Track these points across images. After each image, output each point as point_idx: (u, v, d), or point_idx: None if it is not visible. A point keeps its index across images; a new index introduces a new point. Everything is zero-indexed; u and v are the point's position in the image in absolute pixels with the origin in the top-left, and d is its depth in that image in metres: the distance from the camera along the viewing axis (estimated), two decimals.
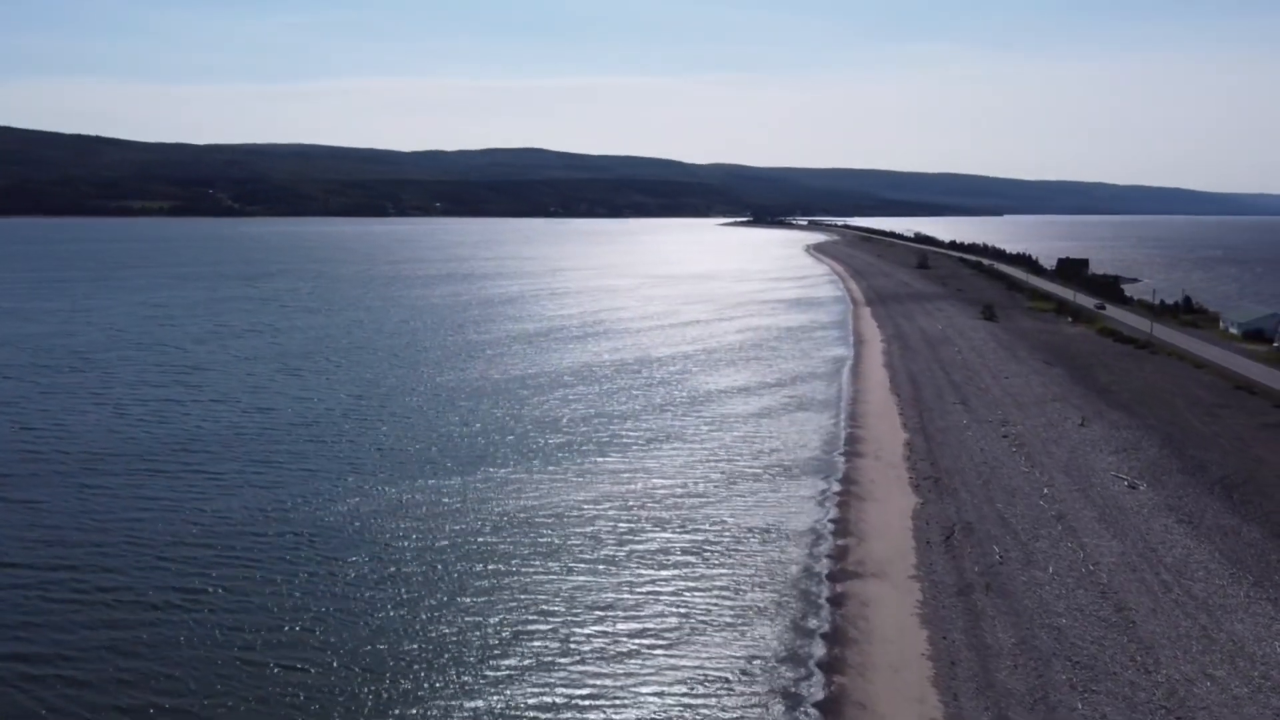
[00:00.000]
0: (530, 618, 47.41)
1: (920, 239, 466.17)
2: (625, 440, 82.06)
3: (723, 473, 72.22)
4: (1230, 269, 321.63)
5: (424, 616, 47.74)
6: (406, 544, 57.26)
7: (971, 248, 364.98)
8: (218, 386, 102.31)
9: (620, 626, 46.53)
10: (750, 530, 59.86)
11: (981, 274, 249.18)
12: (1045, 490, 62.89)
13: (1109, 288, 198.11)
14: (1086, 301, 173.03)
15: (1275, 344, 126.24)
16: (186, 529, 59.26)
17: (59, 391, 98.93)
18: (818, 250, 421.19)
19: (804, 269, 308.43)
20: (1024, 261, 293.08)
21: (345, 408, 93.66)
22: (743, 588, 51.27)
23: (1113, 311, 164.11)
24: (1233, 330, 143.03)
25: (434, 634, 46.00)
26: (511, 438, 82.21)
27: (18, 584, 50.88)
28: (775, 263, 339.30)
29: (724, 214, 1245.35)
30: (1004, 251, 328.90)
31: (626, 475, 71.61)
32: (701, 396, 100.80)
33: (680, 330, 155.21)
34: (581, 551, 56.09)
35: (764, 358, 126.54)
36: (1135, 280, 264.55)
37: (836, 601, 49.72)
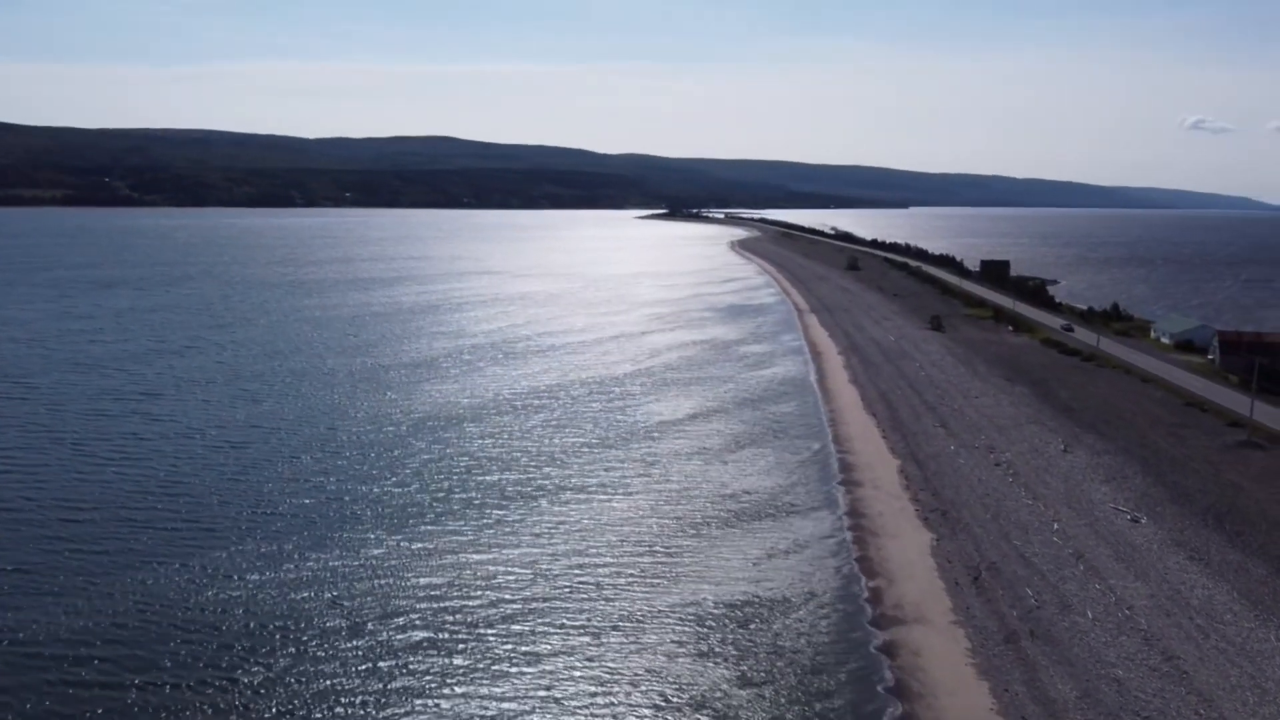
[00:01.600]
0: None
1: (842, 236, 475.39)
2: (589, 481, 78.39)
3: (727, 510, 72.46)
4: (1138, 269, 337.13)
5: None
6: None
7: (894, 247, 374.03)
8: (179, 417, 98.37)
9: (683, 694, 46.71)
10: (779, 572, 60.54)
11: (912, 277, 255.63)
12: (1055, 525, 65.29)
13: (1038, 293, 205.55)
14: (1027, 311, 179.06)
15: (1209, 356, 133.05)
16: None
17: (6, 425, 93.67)
18: (743, 248, 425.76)
19: (736, 270, 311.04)
20: (948, 263, 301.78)
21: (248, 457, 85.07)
22: (794, 638, 51.91)
23: (1051, 320, 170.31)
24: (1164, 340, 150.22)
25: None
26: (430, 494, 74.56)
27: None
28: (704, 262, 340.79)
29: (639, 205, 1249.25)
30: (926, 252, 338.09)
31: (611, 528, 69.28)
32: (670, 421, 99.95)
33: (621, 345, 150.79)
34: (586, 632, 52.65)
35: (722, 376, 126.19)
36: (1054, 282, 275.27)
37: (889, 651, 50.85)
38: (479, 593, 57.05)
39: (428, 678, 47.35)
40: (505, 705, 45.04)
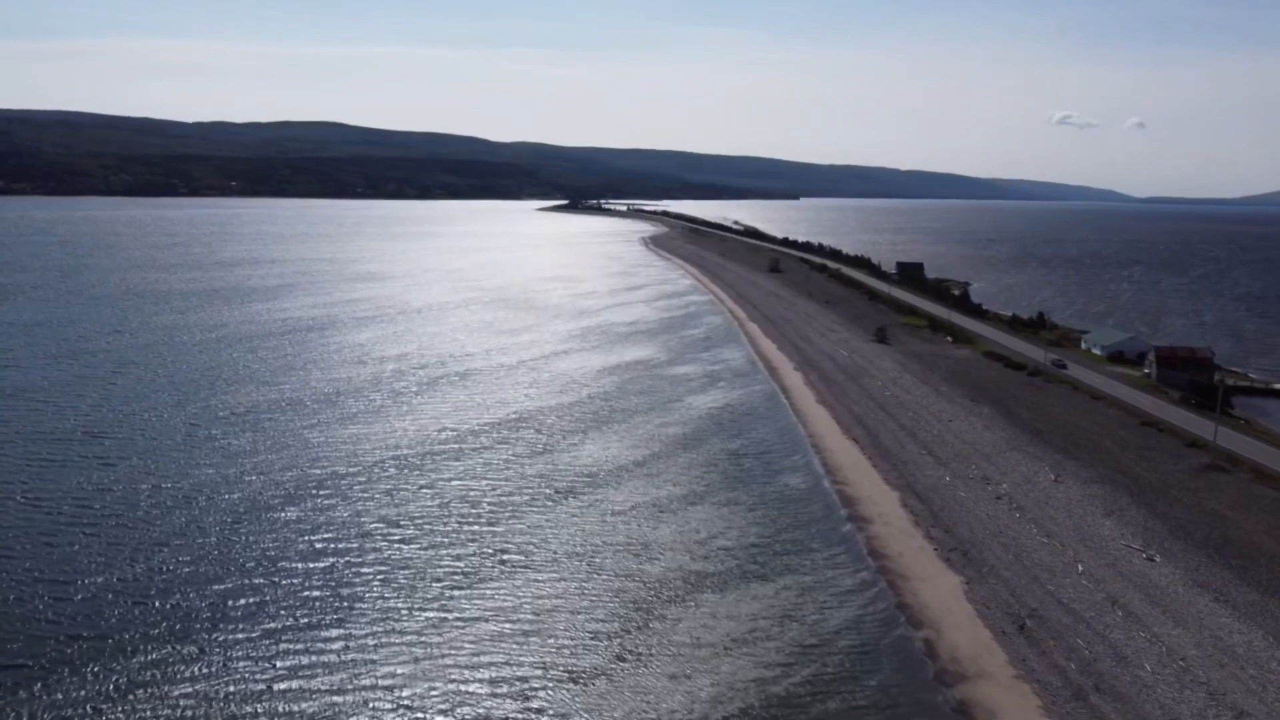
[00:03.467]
0: None
1: (750, 233, 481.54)
2: (540, 551, 71.16)
3: (739, 557, 72.35)
4: (1039, 270, 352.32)
5: None
6: None
7: (808, 246, 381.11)
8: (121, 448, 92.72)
9: None
10: (824, 624, 61.07)
11: (836, 281, 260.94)
12: (1080, 567, 67.80)
13: (964, 301, 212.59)
14: (962, 320, 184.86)
15: (1146, 371, 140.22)
16: None
17: None
18: (657, 246, 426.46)
19: (656, 272, 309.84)
20: (865, 264, 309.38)
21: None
22: (868, 700, 52.48)
23: (985, 330, 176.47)
24: (1096, 351, 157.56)
25: None
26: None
27: None
28: (621, 264, 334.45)
29: (536, 195, 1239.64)
30: (841, 252, 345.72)
31: (605, 607, 70.47)
32: (637, 460, 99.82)
33: (549, 368, 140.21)
34: None
35: (681, 396, 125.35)
36: (967, 284, 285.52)
37: (964, 712, 51.95)
38: None
39: None
40: None
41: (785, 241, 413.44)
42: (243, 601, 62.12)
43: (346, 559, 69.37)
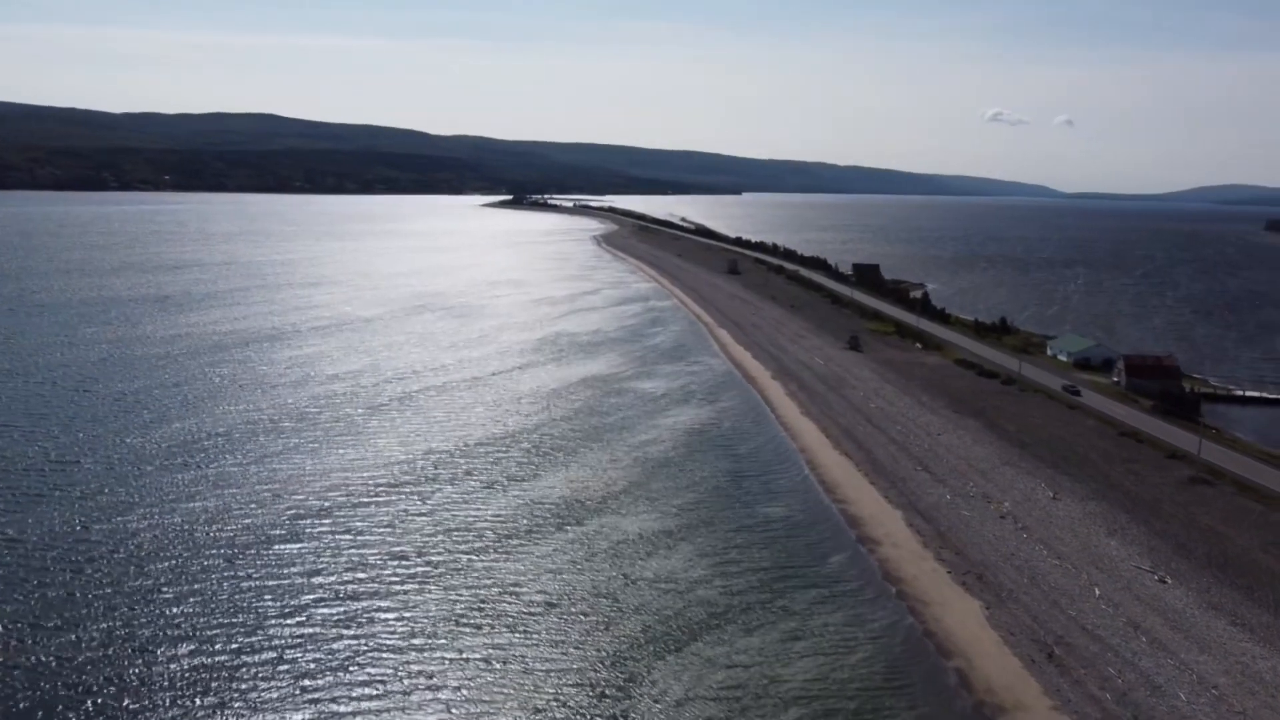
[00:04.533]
0: None
1: (702, 232, 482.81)
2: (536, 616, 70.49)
3: (756, 583, 72.32)
4: (988, 270, 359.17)
5: None
6: None
7: (762, 246, 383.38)
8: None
9: None
10: (854, 653, 61.15)
11: (796, 284, 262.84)
12: (1096, 591, 68.95)
13: (926, 305, 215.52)
14: (930, 327, 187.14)
15: (1115, 379, 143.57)
16: None
17: None
18: (610, 245, 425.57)
19: (612, 273, 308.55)
20: (821, 266, 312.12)
21: None
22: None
23: (952, 336, 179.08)
24: (1062, 358, 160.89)
25: None
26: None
27: None
28: (576, 265, 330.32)
29: (478, 190, 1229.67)
30: (796, 253, 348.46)
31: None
32: (635, 482, 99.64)
33: (514, 383, 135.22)
34: None
35: (663, 405, 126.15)
36: (922, 285, 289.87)
37: None
38: None
39: None
40: None
41: (739, 241, 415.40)
42: (176, 663, 58.54)
43: (285, 618, 63.29)
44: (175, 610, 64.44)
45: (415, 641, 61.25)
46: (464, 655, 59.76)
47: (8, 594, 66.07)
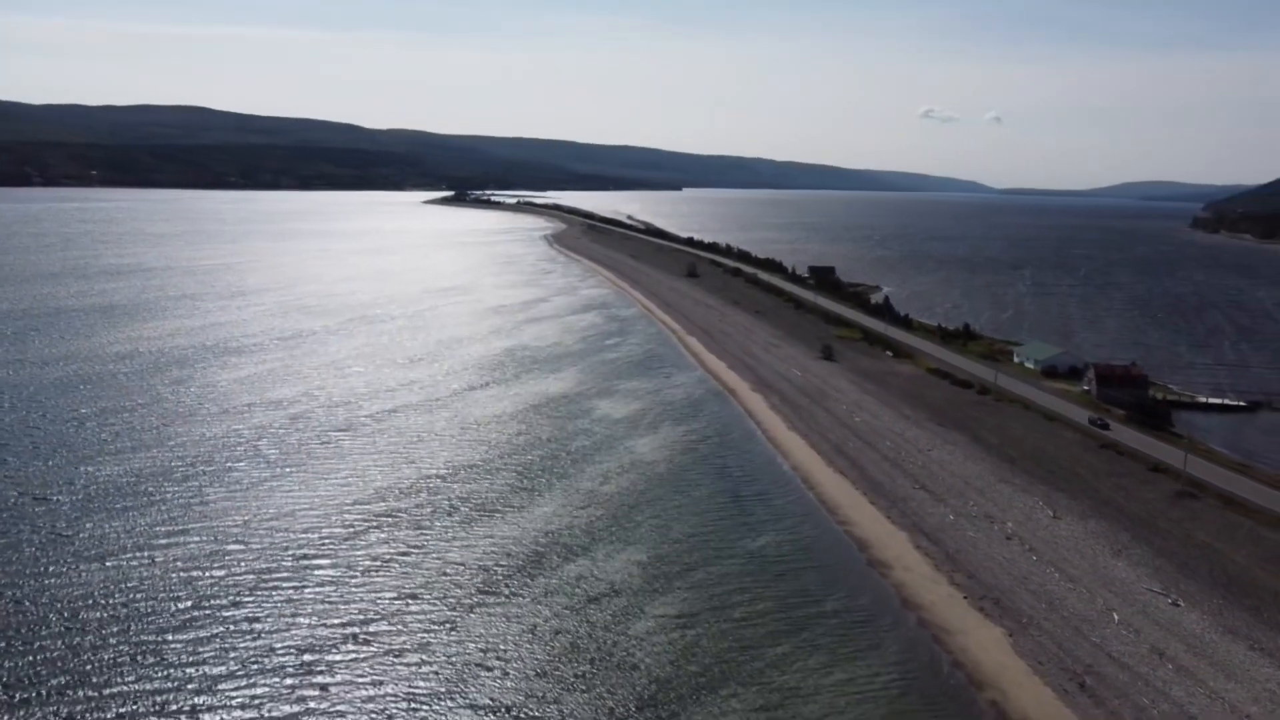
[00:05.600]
0: None
1: (655, 232, 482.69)
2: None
3: (778, 612, 72.31)
4: (939, 271, 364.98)
5: None
6: None
7: (715, 247, 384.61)
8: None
9: None
10: (885, 683, 61.25)
11: (756, 287, 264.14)
12: (1115, 616, 70.10)
13: (889, 310, 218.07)
14: (897, 334, 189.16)
15: (1085, 388, 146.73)
16: None
17: None
18: (561, 245, 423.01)
19: (572, 278, 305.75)
20: (777, 268, 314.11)
21: None
22: None
23: (918, 343, 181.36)
24: (1029, 365, 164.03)
25: None
26: None
27: None
28: (528, 268, 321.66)
29: (419, 186, 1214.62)
30: (750, 254, 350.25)
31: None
32: (626, 507, 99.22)
33: (488, 395, 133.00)
34: None
35: (643, 427, 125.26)
36: (877, 288, 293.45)
37: None
38: None
39: None
40: None
41: (691, 242, 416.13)
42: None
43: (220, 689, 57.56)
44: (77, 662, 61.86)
45: None
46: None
47: None
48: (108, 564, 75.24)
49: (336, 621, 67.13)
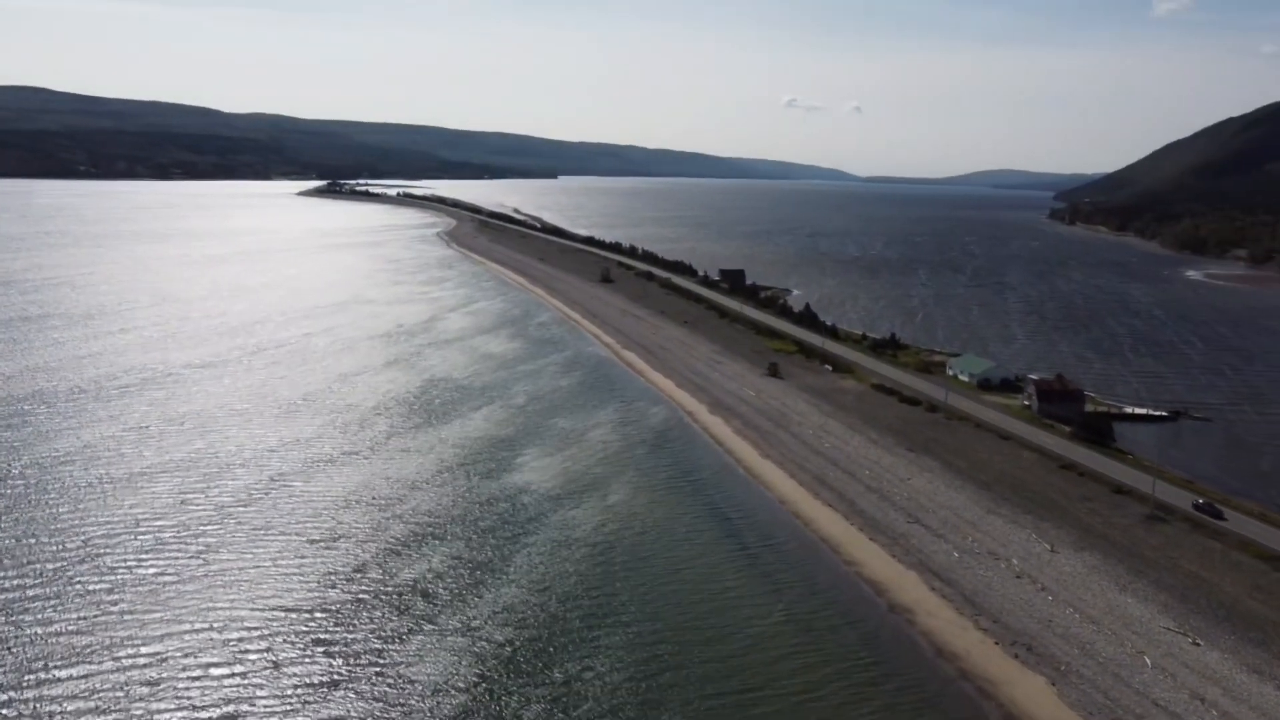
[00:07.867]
0: None
1: (553, 230, 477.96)
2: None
3: (813, 667, 72.68)
4: (838, 273, 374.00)
5: None
6: None
7: (617, 247, 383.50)
8: None
9: None
10: None
11: (674, 293, 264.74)
12: (1147, 660, 73.28)
13: (812, 319, 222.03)
14: (827, 344, 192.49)
15: (1025, 402, 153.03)
16: None
17: None
18: (459, 244, 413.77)
19: (477, 284, 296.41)
20: (686, 270, 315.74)
21: None
22: None
23: (851, 354, 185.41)
24: (964, 378, 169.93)
25: None
26: None
27: None
28: (428, 274, 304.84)
29: (286, 175, 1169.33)
30: (657, 256, 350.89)
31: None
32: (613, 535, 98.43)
33: (417, 443, 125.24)
34: None
35: (613, 462, 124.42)
36: (787, 291, 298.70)
37: None
38: None
39: None
40: None
41: (593, 241, 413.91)
42: None
43: None
44: None
45: None
46: None
47: None
48: None
49: None
